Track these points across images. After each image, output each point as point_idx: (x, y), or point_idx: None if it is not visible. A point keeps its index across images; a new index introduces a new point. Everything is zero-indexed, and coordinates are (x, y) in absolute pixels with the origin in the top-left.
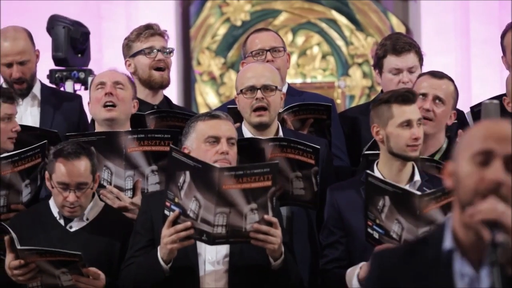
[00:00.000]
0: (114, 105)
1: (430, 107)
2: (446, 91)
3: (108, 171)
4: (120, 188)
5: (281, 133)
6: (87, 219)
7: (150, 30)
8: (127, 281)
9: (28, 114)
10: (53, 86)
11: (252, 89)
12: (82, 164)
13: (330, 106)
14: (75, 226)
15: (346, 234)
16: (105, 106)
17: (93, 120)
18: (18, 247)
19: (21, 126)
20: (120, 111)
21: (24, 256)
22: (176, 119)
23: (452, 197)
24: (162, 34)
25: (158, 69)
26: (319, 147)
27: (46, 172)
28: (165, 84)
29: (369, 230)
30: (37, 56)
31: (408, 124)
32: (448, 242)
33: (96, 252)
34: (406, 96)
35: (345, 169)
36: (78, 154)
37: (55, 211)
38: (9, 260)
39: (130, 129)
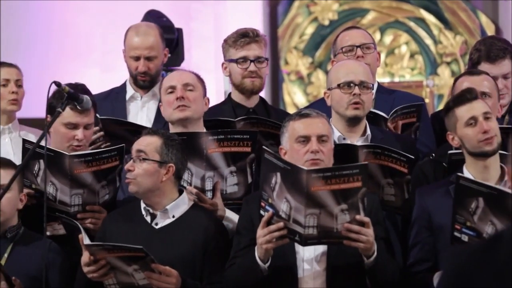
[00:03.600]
0: (186, 106)
1: None
2: (489, 85)
3: (189, 172)
4: (200, 189)
5: (368, 132)
6: (173, 216)
7: (245, 38)
8: (230, 282)
9: (144, 110)
10: None
11: (350, 84)
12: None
13: (421, 105)
14: (160, 223)
15: (434, 234)
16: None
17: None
18: (85, 242)
19: (116, 120)
20: (193, 111)
21: (93, 252)
22: (267, 126)
23: None
24: (258, 41)
25: (251, 77)
26: (413, 157)
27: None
28: (255, 90)
29: (456, 233)
30: (165, 55)
31: (474, 121)
32: None
33: (180, 251)
34: (463, 96)
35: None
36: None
37: (143, 208)
38: (84, 257)
39: (203, 129)
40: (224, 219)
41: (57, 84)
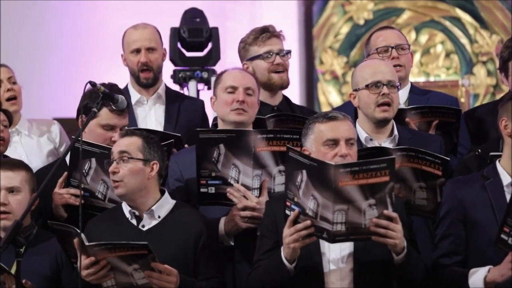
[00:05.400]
0: (245, 111)
1: None
2: None
3: (236, 169)
4: (247, 187)
5: (396, 132)
6: (159, 217)
7: (266, 33)
8: (256, 284)
9: (152, 113)
10: (177, 86)
11: (378, 84)
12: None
13: (460, 111)
14: (147, 224)
15: (468, 229)
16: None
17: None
18: (87, 243)
19: (146, 130)
20: (249, 116)
21: (94, 253)
22: (296, 122)
23: None
24: (278, 36)
25: (277, 72)
26: (448, 159)
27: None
28: (285, 85)
29: (503, 236)
30: (164, 55)
31: None
32: None
33: (171, 250)
34: None
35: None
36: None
37: (126, 211)
38: (83, 260)
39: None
40: None
41: (92, 84)
